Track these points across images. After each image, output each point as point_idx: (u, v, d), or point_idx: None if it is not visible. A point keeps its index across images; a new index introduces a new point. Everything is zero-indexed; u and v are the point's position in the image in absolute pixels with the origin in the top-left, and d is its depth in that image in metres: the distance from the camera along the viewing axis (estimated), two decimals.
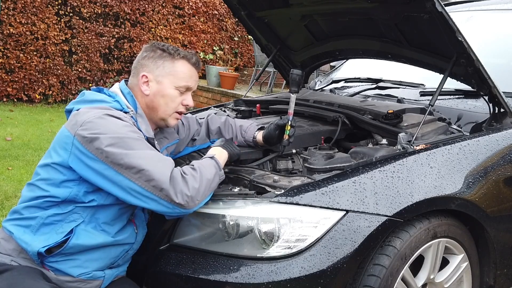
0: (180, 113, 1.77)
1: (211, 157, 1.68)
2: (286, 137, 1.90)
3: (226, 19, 9.96)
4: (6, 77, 7.63)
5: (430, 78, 2.38)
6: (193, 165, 1.61)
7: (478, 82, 2.09)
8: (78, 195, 1.55)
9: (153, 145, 1.67)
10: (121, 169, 1.48)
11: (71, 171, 1.54)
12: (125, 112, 1.64)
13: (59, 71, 8.04)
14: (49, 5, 7.81)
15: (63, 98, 8.24)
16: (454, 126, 2.12)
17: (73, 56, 8.20)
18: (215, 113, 2.44)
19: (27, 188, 1.63)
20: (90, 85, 8.34)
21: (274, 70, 7.69)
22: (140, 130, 1.65)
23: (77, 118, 1.55)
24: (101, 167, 1.50)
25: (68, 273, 1.57)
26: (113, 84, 1.80)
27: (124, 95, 1.71)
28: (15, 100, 7.83)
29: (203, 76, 9.40)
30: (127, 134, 1.52)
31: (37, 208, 1.57)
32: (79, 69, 8.28)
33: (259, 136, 2.03)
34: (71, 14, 8.05)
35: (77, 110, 1.61)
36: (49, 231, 1.55)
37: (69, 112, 1.66)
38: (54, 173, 1.56)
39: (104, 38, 8.38)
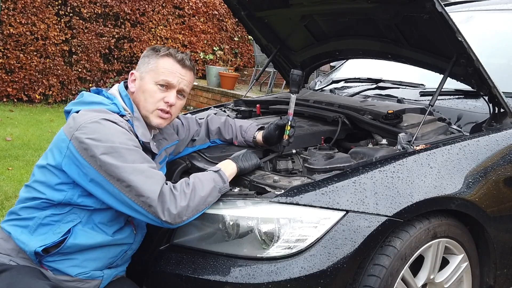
0: (162, 110, 1.71)
1: (216, 171, 1.66)
2: (286, 137, 1.90)
3: (226, 19, 9.96)
4: (6, 77, 7.63)
5: (430, 78, 2.37)
6: (189, 180, 1.61)
7: (478, 82, 2.08)
8: (73, 198, 1.55)
9: (149, 149, 1.67)
10: (113, 180, 1.48)
11: (65, 174, 1.54)
12: (122, 115, 1.64)
13: (59, 71, 8.04)
14: (49, 5, 7.82)
15: (63, 98, 8.24)
16: (454, 126, 2.12)
17: (73, 56, 8.20)
18: (215, 113, 2.44)
19: (24, 189, 1.63)
20: (90, 85, 8.35)
21: (274, 70, 7.69)
22: (136, 135, 1.64)
23: (74, 121, 1.55)
24: (93, 174, 1.49)
25: (66, 273, 1.57)
26: (113, 85, 1.79)
27: (122, 97, 1.70)
28: (15, 100, 7.83)
29: (203, 76, 9.41)
30: (121, 143, 1.51)
31: (34, 208, 1.57)
32: (79, 69, 8.28)
33: (259, 136, 2.03)
34: (71, 14, 8.05)
35: (76, 112, 1.61)
36: (47, 231, 1.55)
37: (68, 113, 1.66)
38: (50, 175, 1.56)
39: (104, 38, 8.38)
